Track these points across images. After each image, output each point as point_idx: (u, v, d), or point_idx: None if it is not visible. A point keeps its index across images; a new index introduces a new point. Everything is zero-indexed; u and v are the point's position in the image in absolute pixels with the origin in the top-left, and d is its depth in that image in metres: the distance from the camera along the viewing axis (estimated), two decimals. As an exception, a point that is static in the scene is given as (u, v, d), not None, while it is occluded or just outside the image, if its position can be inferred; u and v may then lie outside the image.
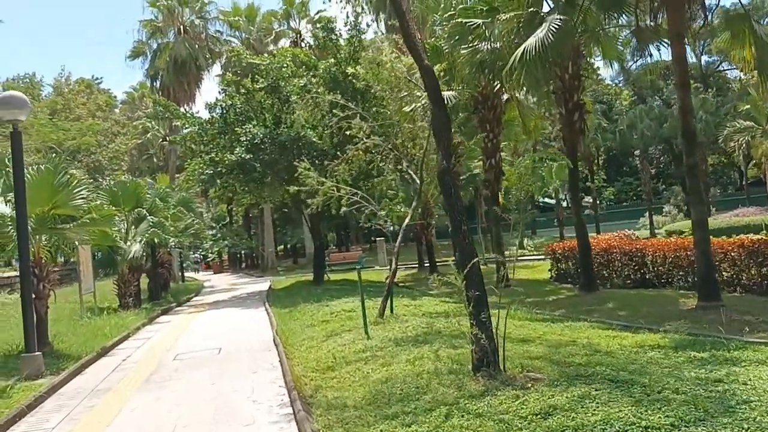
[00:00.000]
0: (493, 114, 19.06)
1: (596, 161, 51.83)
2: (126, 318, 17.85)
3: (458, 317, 13.18)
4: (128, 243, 20.66)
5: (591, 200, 58.64)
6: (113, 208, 21.16)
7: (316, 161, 22.75)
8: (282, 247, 64.87)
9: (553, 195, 47.59)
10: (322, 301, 17.39)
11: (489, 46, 15.28)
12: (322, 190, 13.86)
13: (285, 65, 22.70)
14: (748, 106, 31.91)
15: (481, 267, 7.60)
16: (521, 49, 12.79)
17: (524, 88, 13.62)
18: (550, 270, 21.15)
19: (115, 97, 68.73)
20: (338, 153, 16.52)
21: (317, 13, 41.64)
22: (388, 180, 15.33)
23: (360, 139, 15.46)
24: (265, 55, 24.12)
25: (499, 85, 18.57)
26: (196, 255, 53.70)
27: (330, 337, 11.49)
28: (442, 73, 14.72)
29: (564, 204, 48.43)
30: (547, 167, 45.40)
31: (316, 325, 13.37)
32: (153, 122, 48.76)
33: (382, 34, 30.93)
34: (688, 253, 14.95)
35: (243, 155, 21.54)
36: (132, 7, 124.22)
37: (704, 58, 55.51)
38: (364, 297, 11.78)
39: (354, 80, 18.32)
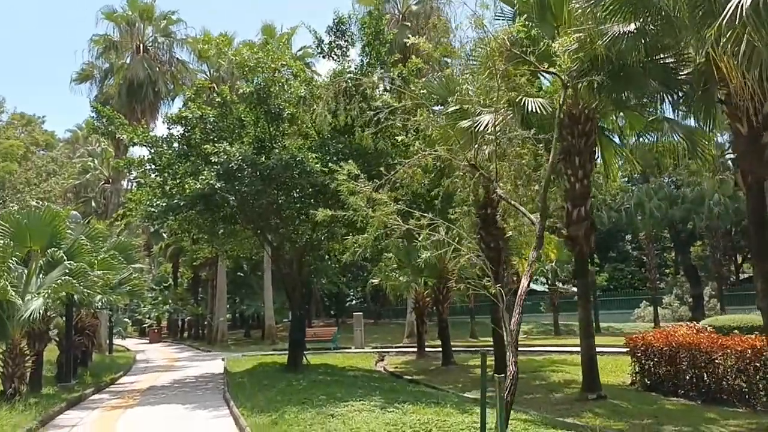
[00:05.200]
0: (585, 143, 13.19)
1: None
2: (0, 419, 10.84)
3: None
4: (27, 297, 13.76)
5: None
6: (11, 243, 14.51)
7: (311, 200, 16.59)
8: (229, 316, 57.05)
9: (549, 277, 41.91)
10: (322, 406, 11.17)
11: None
12: (377, 220, 7.61)
13: (283, 63, 16.59)
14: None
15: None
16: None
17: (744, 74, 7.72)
18: (634, 374, 15.10)
19: (58, 137, 61.21)
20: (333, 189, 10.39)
21: (301, 49, 36.07)
22: (469, 213, 9.29)
23: (418, 149, 9.41)
24: (255, 47, 18.12)
25: (591, 104, 13.00)
26: (126, 319, 45.78)
27: None
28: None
29: (561, 288, 43.12)
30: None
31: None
32: (95, 161, 41.80)
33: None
34: None
35: (212, 182, 15.11)
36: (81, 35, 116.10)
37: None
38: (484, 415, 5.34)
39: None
